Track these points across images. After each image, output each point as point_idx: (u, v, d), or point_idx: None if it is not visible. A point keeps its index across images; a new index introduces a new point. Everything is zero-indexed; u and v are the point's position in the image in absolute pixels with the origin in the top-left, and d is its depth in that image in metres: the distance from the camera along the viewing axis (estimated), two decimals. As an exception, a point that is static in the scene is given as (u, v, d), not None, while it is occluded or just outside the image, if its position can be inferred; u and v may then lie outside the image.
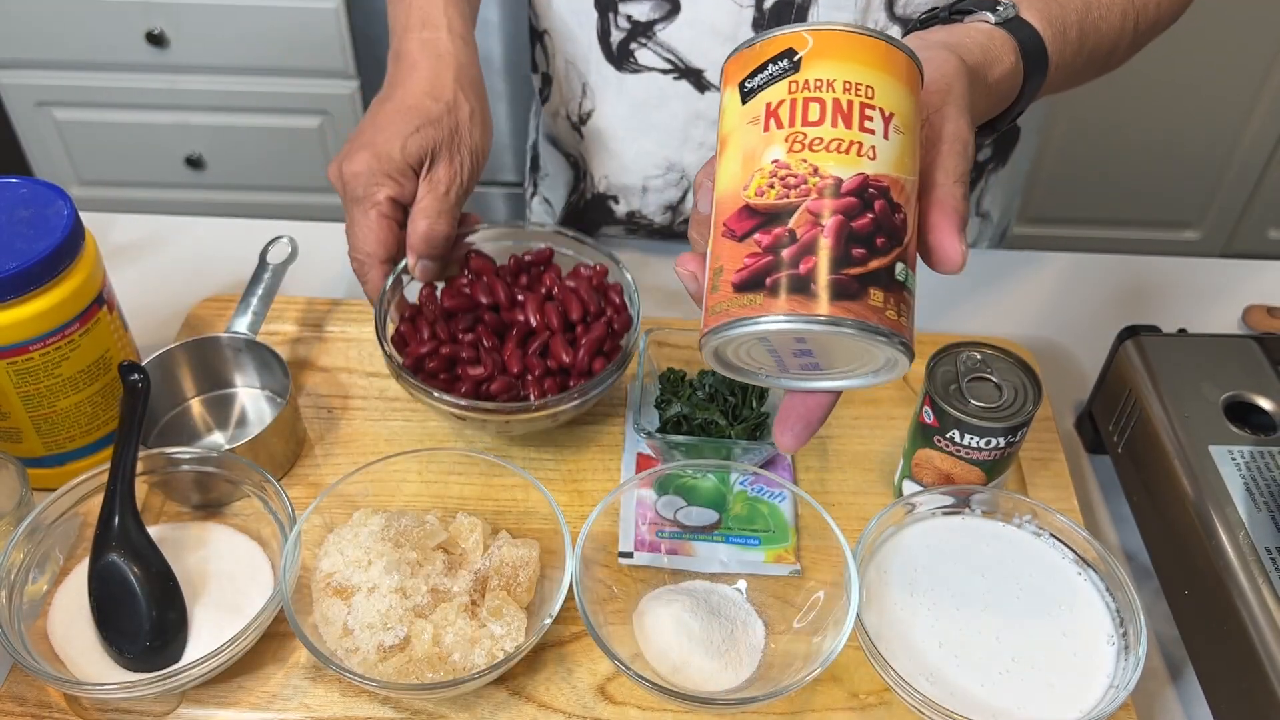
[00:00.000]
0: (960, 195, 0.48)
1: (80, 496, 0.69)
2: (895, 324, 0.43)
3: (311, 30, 1.87)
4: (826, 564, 0.69)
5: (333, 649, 0.64)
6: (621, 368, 0.75)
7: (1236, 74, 1.99)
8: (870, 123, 0.44)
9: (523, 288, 0.79)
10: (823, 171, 0.43)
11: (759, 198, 0.44)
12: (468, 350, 0.75)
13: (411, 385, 0.73)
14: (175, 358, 0.79)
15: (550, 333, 0.76)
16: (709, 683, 0.65)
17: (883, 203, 0.43)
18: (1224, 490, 0.67)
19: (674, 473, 0.74)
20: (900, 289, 0.44)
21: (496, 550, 0.68)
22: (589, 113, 0.94)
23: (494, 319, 0.77)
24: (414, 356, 0.75)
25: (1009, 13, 0.62)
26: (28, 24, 1.87)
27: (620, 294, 0.80)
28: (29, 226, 0.68)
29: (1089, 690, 0.63)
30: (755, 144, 0.45)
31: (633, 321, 0.78)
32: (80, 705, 0.65)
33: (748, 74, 0.46)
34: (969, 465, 0.70)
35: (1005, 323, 0.93)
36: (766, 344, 0.46)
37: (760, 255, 0.44)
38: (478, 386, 0.74)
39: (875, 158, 0.44)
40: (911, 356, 0.45)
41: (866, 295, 0.43)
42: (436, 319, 0.77)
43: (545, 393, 0.73)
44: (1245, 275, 0.99)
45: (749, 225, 0.44)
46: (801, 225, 0.43)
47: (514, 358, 0.74)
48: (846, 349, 0.46)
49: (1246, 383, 0.73)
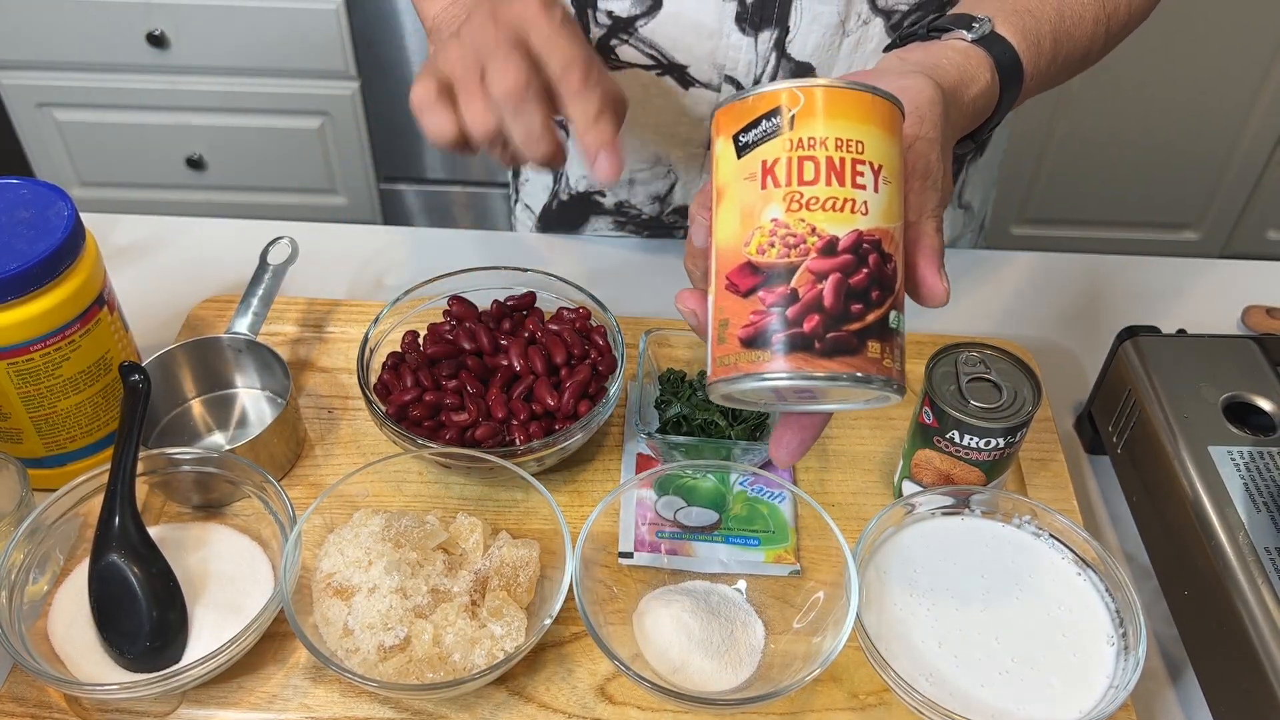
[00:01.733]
0: (933, 230, 0.51)
1: (81, 497, 0.69)
2: (888, 370, 0.47)
3: (312, 31, 1.87)
4: (826, 564, 0.69)
5: (333, 649, 0.64)
6: (607, 410, 0.75)
7: (1235, 75, 1.99)
8: (861, 178, 0.47)
9: (505, 332, 0.79)
10: (820, 231, 0.46)
11: (760, 255, 0.47)
12: (451, 397, 0.75)
13: (395, 433, 0.72)
14: (176, 358, 0.79)
15: (535, 377, 0.76)
16: (709, 683, 0.65)
17: (876, 256, 0.47)
18: (1223, 491, 0.67)
19: (674, 473, 0.74)
20: (893, 335, 0.48)
21: (497, 551, 0.68)
22: None
23: (477, 364, 0.76)
24: (397, 404, 0.74)
25: (985, 29, 0.63)
26: (29, 25, 1.87)
27: (604, 336, 0.80)
28: (29, 227, 0.68)
29: (1089, 691, 0.63)
30: (754, 201, 0.48)
31: (617, 364, 0.77)
32: (80, 706, 0.65)
33: (741, 128, 0.49)
34: (968, 466, 0.70)
35: (1005, 323, 0.93)
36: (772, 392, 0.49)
37: (764, 313, 0.47)
38: (462, 433, 0.73)
39: (868, 213, 0.47)
40: (902, 393, 0.48)
41: (864, 349, 0.46)
42: (419, 366, 0.76)
43: (531, 437, 0.73)
44: (1244, 276, 0.99)
45: (752, 282, 0.47)
46: (803, 285, 0.46)
47: (498, 403, 0.74)
48: (844, 393, 0.49)
49: (1246, 383, 0.73)
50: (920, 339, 0.88)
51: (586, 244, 1.01)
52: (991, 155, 1.01)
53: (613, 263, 0.99)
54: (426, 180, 2.14)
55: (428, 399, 0.74)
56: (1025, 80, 0.64)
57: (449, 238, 1.03)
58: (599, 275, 0.96)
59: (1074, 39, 0.69)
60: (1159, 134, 2.08)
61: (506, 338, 0.79)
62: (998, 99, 0.63)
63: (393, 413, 0.74)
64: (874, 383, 0.46)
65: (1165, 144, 2.10)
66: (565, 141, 0.62)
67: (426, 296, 0.82)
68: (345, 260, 0.98)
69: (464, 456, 0.72)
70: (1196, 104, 2.03)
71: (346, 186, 2.12)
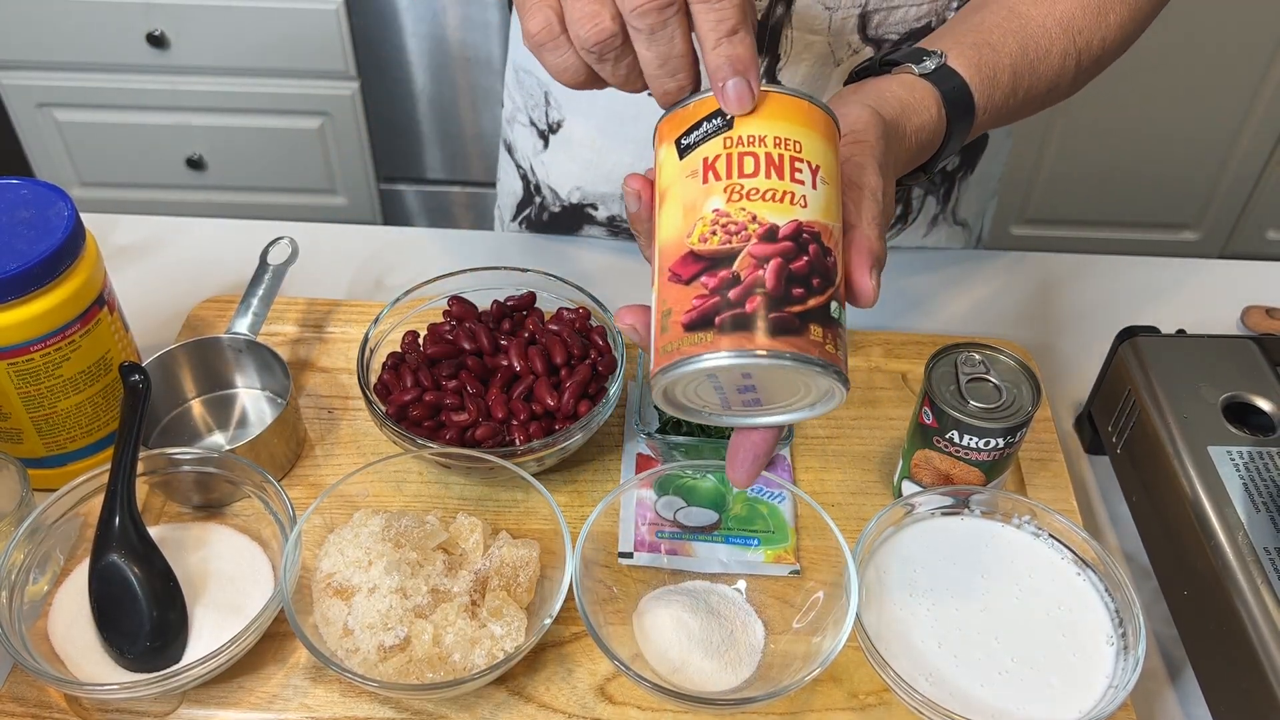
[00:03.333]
0: (874, 236, 0.51)
1: (81, 497, 0.69)
2: (833, 357, 0.47)
3: (312, 31, 1.87)
4: (826, 564, 0.69)
5: (333, 649, 0.64)
6: (607, 410, 0.75)
7: (1234, 75, 1.99)
8: (800, 174, 0.48)
9: (505, 333, 0.79)
10: (760, 219, 0.47)
11: (703, 244, 0.47)
12: (452, 397, 0.74)
13: (395, 433, 0.72)
14: (176, 358, 0.79)
15: (534, 377, 0.75)
16: (708, 683, 0.65)
17: (815, 246, 0.47)
18: (1223, 491, 0.67)
19: (674, 473, 0.74)
20: (835, 325, 0.47)
21: (497, 551, 0.68)
22: (558, 123, 0.94)
23: (477, 364, 0.76)
24: (397, 404, 0.74)
25: (934, 64, 0.64)
26: (29, 25, 1.87)
27: (604, 336, 0.79)
28: (30, 227, 0.68)
29: (1088, 690, 0.63)
30: (695, 195, 0.48)
31: (617, 363, 0.77)
32: (81, 706, 0.65)
33: (683, 131, 0.50)
34: (968, 466, 0.70)
35: (1004, 323, 0.93)
36: (714, 380, 0.49)
37: (708, 296, 0.47)
38: (462, 433, 0.73)
39: (806, 205, 0.47)
40: (847, 386, 0.48)
41: (807, 330, 0.46)
42: (419, 366, 0.76)
43: (531, 437, 0.73)
44: (1244, 276, 0.99)
45: (695, 269, 0.47)
46: (745, 268, 0.46)
47: (498, 403, 0.74)
48: (787, 382, 0.49)
49: (1245, 383, 0.73)
50: (920, 339, 0.89)
51: (586, 245, 1.01)
52: (990, 168, 1.00)
53: (612, 263, 0.99)
54: (426, 180, 2.14)
55: (428, 399, 0.74)
56: (977, 114, 0.65)
57: (449, 238, 1.03)
58: (598, 275, 0.96)
59: (1037, 73, 0.69)
60: (1158, 134, 2.08)
61: (506, 338, 0.78)
62: (945, 131, 0.64)
63: (393, 413, 0.74)
64: (816, 365, 0.46)
65: (1164, 144, 2.10)
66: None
67: (426, 297, 0.82)
68: (345, 260, 0.98)
69: (464, 456, 0.72)
70: (1196, 104, 2.03)
71: (346, 186, 2.12)
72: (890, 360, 0.87)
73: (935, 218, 0.99)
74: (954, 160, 0.96)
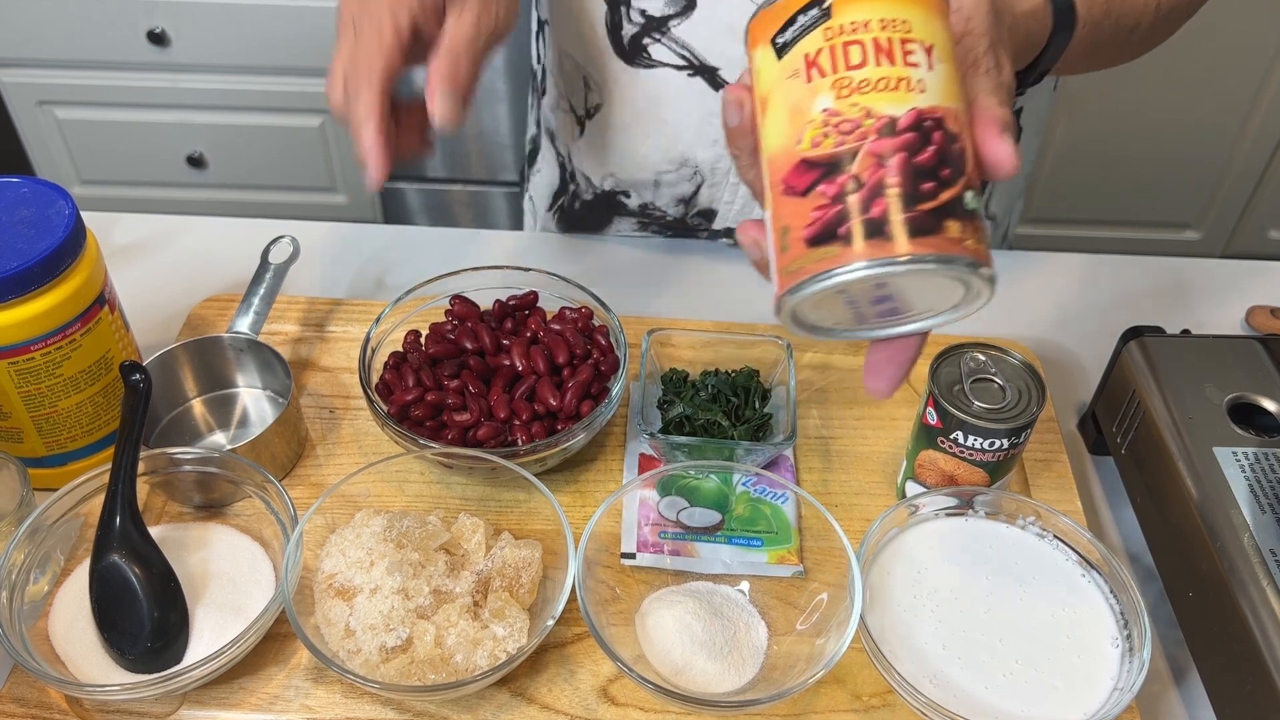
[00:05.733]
0: (996, 104, 0.47)
1: (81, 497, 0.69)
2: (975, 252, 0.43)
3: (313, 29, 1.86)
4: (829, 565, 0.69)
5: (335, 650, 0.64)
6: (610, 410, 0.74)
7: (1237, 74, 1.99)
8: (913, 56, 0.43)
9: (508, 332, 0.79)
10: (875, 112, 0.43)
11: (815, 149, 0.44)
12: (454, 396, 0.74)
13: (397, 434, 0.72)
14: (177, 358, 0.79)
15: (537, 377, 0.75)
16: (711, 685, 0.65)
17: (940, 134, 0.43)
18: (1228, 492, 0.67)
19: (676, 474, 0.74)
20: (973, 217, 0.43)
21: (499, 551, 0.68)
22: (596, 107, 0.94)
23: (479, 364, 0.76)
24: (399, 404, 0.74)
25: None
26: (29, 23, 1.87)
27: (606, 335, 0.79)
28: (30, 226, 0.68)
29: (1093, 693, 0.63)
30: (800, 97, 0.45)
31: (619, 364, 0.77)
32: (81, 707, 0.65)
33: (778, 29, 0.46)
34: (972, 466, 0.70)
35: (1008, 324, 0.93)
36: (846, 295, 0.45)
37: (828, 206, 0.43)
38: (464, 433, 0.73)
39: (925, 90, 0.43)
40: (994, 284, 0.44)
41: (943, 228, 0.42)
42: (421, 366, 0.76)
43: (533, 437, 0.73)
44: (1248, 276, 0.99)
45: (810, 179, 0.44)
46: (865, 169, 0.43)
47: (500, 403, 0.74)
48: (928, 287, 0.45)
49: (1250, 384, 0.73)
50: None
51: (588, 243, 1.01)
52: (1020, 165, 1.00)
53: (615, 262, 0.98)
54: (427, 179, 2.14)
55: (430, 399, 0.74)
56: (1078, 25, 0.63)
57: (450, 237, 1.03)
58: (601, 275, 0.95)
59: (1126, 3, 0.68)
60: (1160, 133, 2.08)
61: (509, 337, 0.78)
62: (1050, 33, 0.61)
63: (394, 413, 0.74)
64: (960, 264, 0.42)
65: (1166, 142, 2.09)
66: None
67: (428, 296, 0.82)
68: (346, 259, 0.98)
69: (466, 457, 0.72)
70: (1198, 102, 2.03)
71: (347, 185, 2.12)
72: (893, 360, 0.87)
73: None
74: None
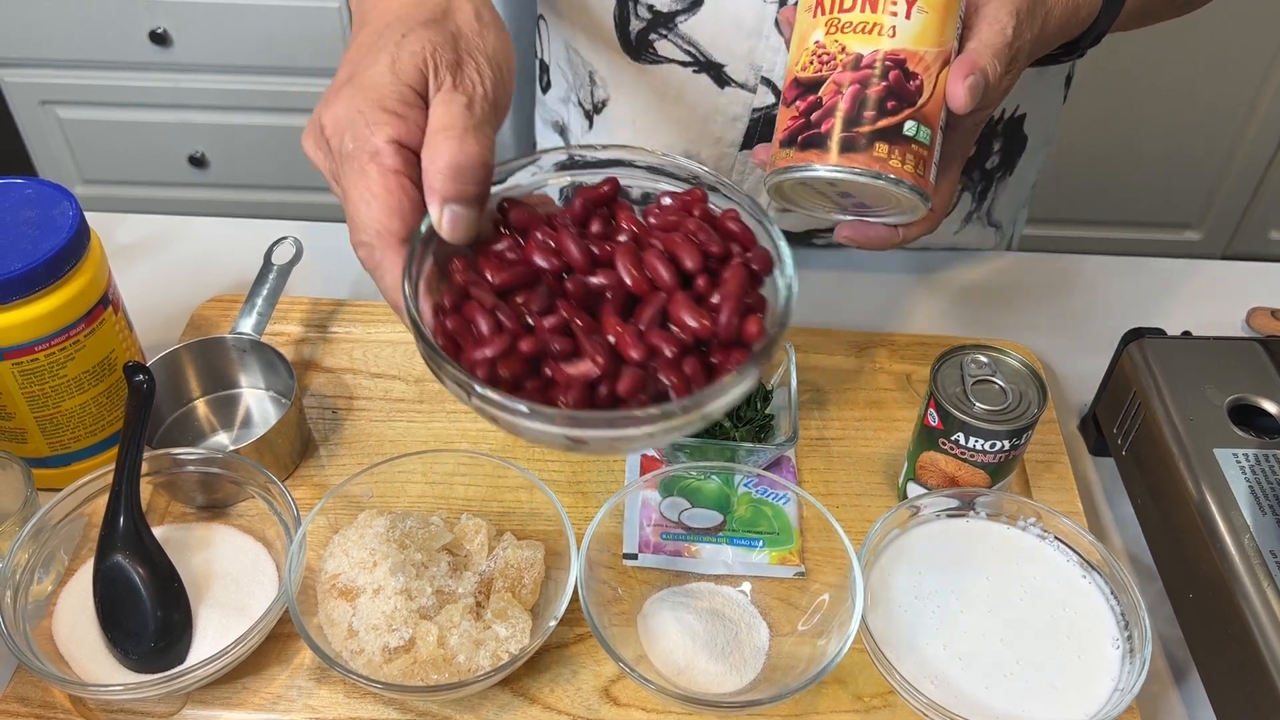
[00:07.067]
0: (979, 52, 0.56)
1: (85, 497, 0.69)
2: (897, 170, 0.54)
3: (314, 29, 1.87)
4: (831, 566, 0.69)
5: (337, 650, 0.64)
6: (783, 328, 0.50)
7: (1237, 75, 1.99)
8: (895, 6, 0.55)
9: (598, 237, 0.54)
10: (848, 49, 0.55)
11: (803, 72, 0.57)
12: (560, 340, 0.49)
13: (493, 405, 0.46)
14: (180, 358, 0.79)
15: (664, 294, 0.51)
16: (713, 685, 0.65)
17: (897, 73, 0.54)
18: (1229, 493, 0.67)
19: (678, 474, 0.74)
20: (908, 142, 0.54)
21: (501, 552, 0.68)
22: (603, 102, 0.94)
23: (577, 288, 0.51)
24: (485, 364, 0.48)
25: None
26: (31, 23, 1.87)
27: (736, 220, 0.54)
28: (34, 227, 0.68)
29: (1093, 693, 0.63)
30: (807, 28, 0.57)
31: (775, 255, 0.52)
32: (85, 706, 0.65)
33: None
34: (973, 468, 0.70)
35: (1010, 325, 0.93)
36: (809, 187, 0.58)
37: (798, 118, 0.56)
38: (591, 390, 0.48)
39: (895, 35, 0.55)
40: (924, 198, 0.56)
41: (871, 148, 0.54)
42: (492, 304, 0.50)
43: (689, 381, 0.48)
44: (1248, 277, 0.99)
45: (794, 94, 0.57)
46: (827, 93, 0.55)
47: (630, 339, 0.49)
48: (873, 193, 0.56)
49: (1251, 385, 0.73)
50: (925, 340, 0.88)
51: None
52: (1025, 174, 1.00)
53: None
54: (429, 179, 2.14)
55: (523, 349, 0.49)
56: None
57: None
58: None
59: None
60: (1160, 133, 2.08)
61: (601, 244, 0.53)
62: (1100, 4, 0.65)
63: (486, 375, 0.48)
64: (883, 179, 0.54)
65: (1167, 143, 2.09)
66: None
67: None
68: (349, 259, 0.97)
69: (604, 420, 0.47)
70: (1198, 103, 2.03)
71: (349, 185, 2.11)
72: (895, 362, 0.87)
73: (969, 215, 0.98)
74: (995, 159, 0.96)
